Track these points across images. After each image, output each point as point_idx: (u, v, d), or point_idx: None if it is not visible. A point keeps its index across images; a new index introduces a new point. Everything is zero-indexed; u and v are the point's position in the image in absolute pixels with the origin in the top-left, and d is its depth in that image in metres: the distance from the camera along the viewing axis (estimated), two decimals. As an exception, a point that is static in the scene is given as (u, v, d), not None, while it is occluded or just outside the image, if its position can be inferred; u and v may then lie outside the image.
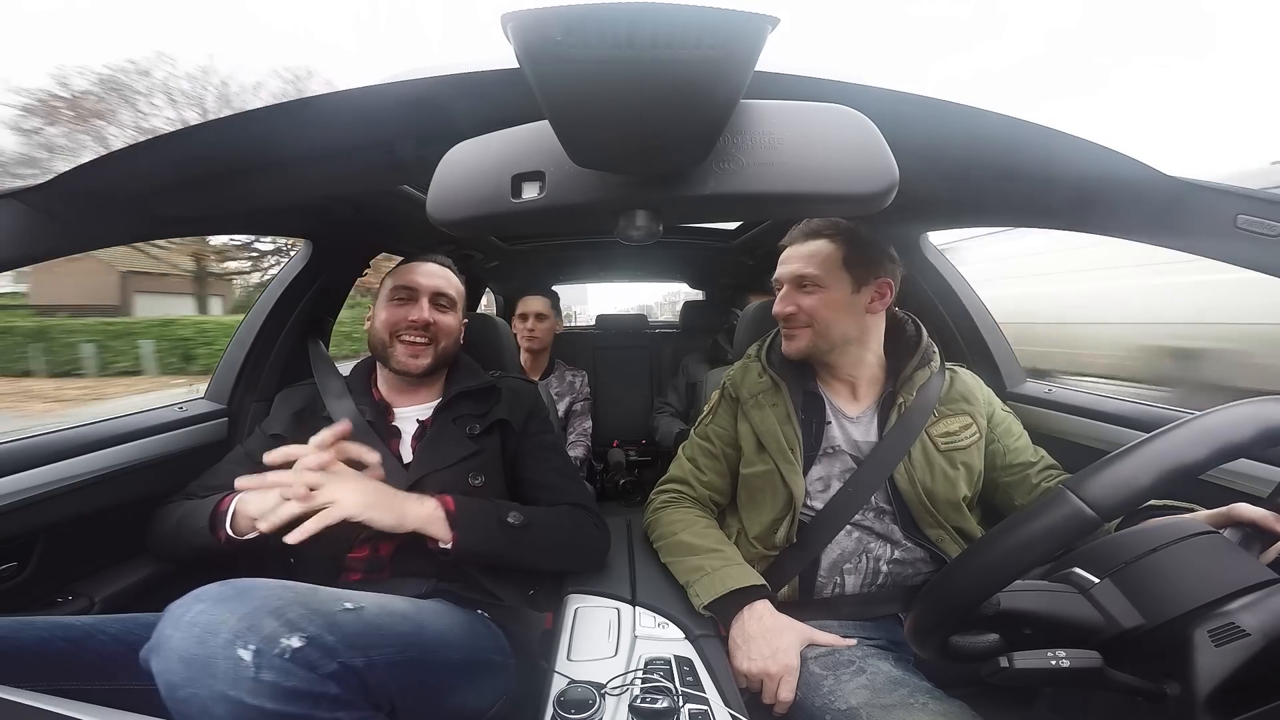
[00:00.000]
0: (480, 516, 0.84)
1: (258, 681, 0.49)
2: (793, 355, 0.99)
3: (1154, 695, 0.49)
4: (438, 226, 0.52)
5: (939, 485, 0.92)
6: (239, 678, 0.49)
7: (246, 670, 0.49)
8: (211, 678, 0.49)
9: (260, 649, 0.50)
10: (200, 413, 1.21)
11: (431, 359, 1.01)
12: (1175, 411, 1.01)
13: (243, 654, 0.50)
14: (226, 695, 0.49)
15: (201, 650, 0.50)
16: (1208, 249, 0.67)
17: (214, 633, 0.51)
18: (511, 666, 0.81)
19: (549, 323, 2.10)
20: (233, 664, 0.49)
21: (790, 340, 0.99)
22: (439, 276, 1.05)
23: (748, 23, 0.34)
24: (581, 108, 0.41)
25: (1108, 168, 0.64)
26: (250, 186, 0.75)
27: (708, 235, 2.19)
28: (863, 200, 0.47)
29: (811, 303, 0.95)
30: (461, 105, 0.59)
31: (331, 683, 0.54)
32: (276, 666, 0.50)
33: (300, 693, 0.51)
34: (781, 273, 1.00)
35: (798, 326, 0.98)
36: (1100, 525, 0.48)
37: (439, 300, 1.03)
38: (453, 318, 1.05)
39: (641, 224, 0.51)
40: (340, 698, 0.54)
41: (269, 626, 0.52)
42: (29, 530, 0.87)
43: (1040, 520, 0.50)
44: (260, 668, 0.50)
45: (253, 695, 0.49)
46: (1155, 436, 0.50)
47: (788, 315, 0.98)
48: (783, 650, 0.79)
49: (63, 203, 0.68)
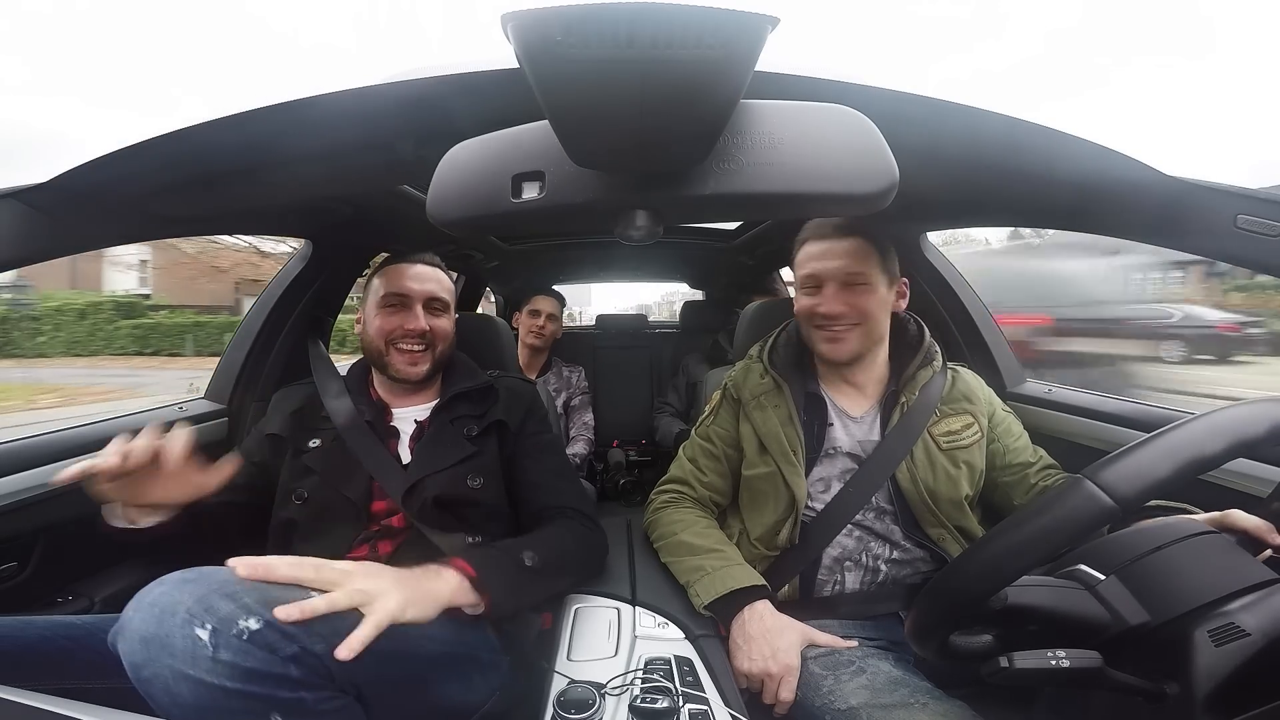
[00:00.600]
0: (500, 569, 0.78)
1: (215, 661, 0.50)
2: (841, 358, 0.95)
3: (1154, 695, 0.49)
4: (438, 226, 0.52)
5: (941, 484, 0.92)
6: (197, 656, 0.49)
7: (204, 649, 0.50)
8: (170, 656, 0.49)
9: (217, 629, 0.51)
10: (200, 413, 1.21)
11: (430, 364, 1.01)
12: (1176, 412, 1.01)
13: (199, 633, 0.50)
14: (186, 674, 0.49)
15: (159, 630, 0.50)
16: (1208, 249, 0.67)
17: (171, 612, 0.51)
18: (503, 664, 0.81)
19: (558, 325, 2.13)
20: (190, 643, 0.50)
21: (838, 343, 0.94)
22: (431, 280, 1.03)
23: (748, 23, 0.34)
24: (581, 107, 0.41)
25: (1108, 168, 0.64)
26: (250, 186, 0.75)
27: (708, 235, 2.19)
28: (863, 200, 0.47)
29: (863, 302, 0.92)
30: (461, 105, 0.59)
31: (292, 665, 0.54)
32: (234, 647, 0.51)
33: (260, 673, 0.52)
34: (822, 269, 0.93)
35: (847, 327, 0.93)
36: (1119, 515, 0.48)
37: (433, 305, 1.02)
38: (447, 320, 1.05)
39: (641, 224, 0.51)
40: (301, 680, 0.54)
41: (225, 608, 0.52)
42: (29, 530, 0.87)
43: (1058, 509, 0.50)
44: (218, 647, 0.50)
45: (212, 674, 0.50)
46: (1173, 428, 0.50)
47: (836, 315, 0.93)
48: (783, 650, 0.79)
49: (63, 203, 0.68)
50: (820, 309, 0.94)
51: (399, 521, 0.90)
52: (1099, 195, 0.73)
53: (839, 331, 0.94)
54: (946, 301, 1.38)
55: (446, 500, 0.90)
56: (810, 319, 0.96)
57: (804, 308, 0.96)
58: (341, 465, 0.92)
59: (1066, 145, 0.61)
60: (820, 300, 0.94)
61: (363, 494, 0.90)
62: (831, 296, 0.93)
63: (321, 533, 0.88)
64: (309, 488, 0.91)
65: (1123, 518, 0.49)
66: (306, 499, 0.90)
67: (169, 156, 0.66)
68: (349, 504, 0.89)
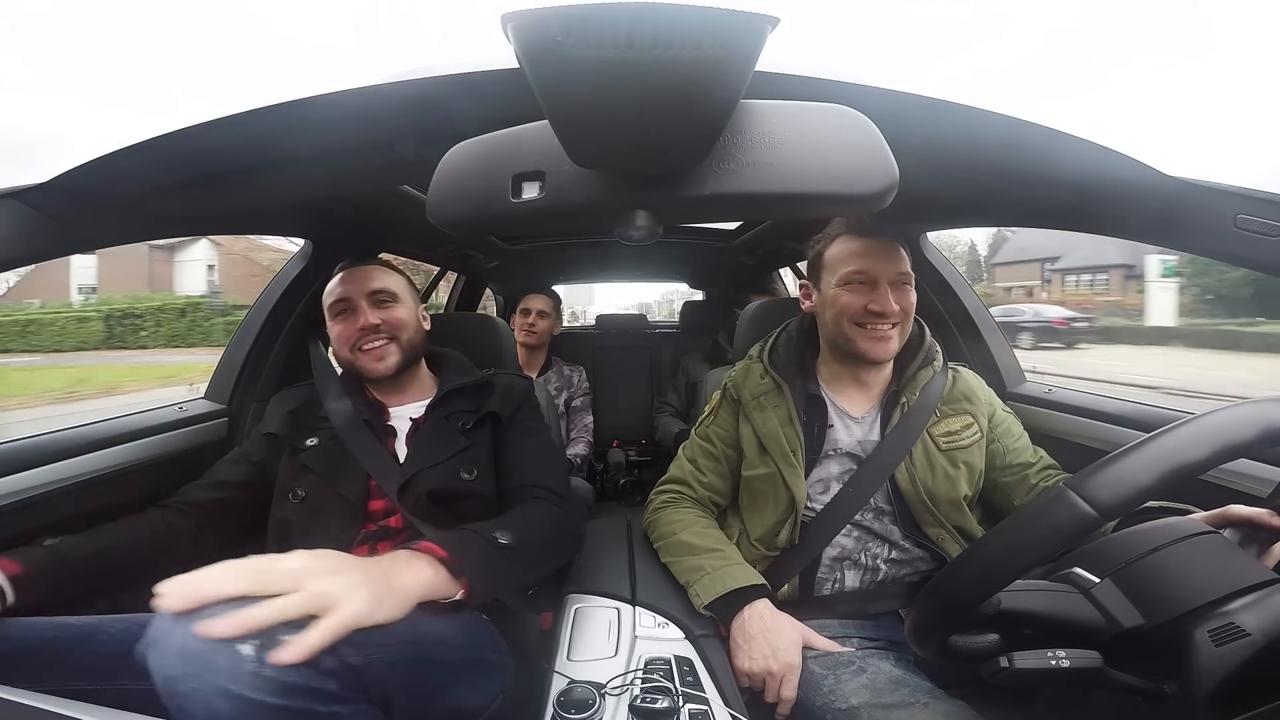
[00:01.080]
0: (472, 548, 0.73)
1: (258, 677, 0.49)
2: (886, 356, 0.94)
3: (1154, 695, 0.49)
4: (438, 226, 0.52)
5: (940, 485, 0.92)
6: (239, 672, 0.49)
7: (246, 665, 0.49)
8: (212, 672, 0.49)
9: (261, 643, 0.50)
10: (200, 413, 1.21)
11: (399, 355, 1.00)
12: (1175, 412, 1.01)
13: (243, 649, 0.49)
14: (228, 690, 0.48)
15: (202, 644, 0.49)
16: (1208, 249, 0.67)
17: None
18: (509, 666, 0.81)
19: (549, 322, 2.11)
20: (232, 658, 0.49)
21: (886, 341, 0.93)
22: (369, 278, 1.02)
23: (748, 23, 0.34)
24: (581, 108, 0.41)
25: (1108, 168, 0.64)
26: (250, 186, 0.75)
27: (708, 235, 2.19)
28: (863, 200, 0.47)
29: (908, 302, 0.93)
30: (461, 105, 0.59)
31: (331, 679, 0.53)
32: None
33: (300, 688, 0.51)
34: (874, 267, 0.92)
35: (892, 325, 0.92)
36: (1101, 525, 0.48)
37: (378, 297, 1.01)
38: (401, 310, 1.02)
39: (641, 224, 0.51)
40: (338, 693, 0.54)
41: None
42: (29, 530, 0.87)
43: (1041, 519, 0.50)
44: (262, 662, 0.50)
45: (254, 690, 0.49)
46: (1157, 436, 0.50)
47: (890, 314, 0.91)
48: (784, 649, 0.79)
49: (63, 203, 0.68)
50: (873, 306, 0.91)
51: (397, 521, 0.90)
52: (1099, 195, 0.73)
53: (886, 330, 0.92)
54: (946, 301, 1.38)
55: (441, 494, 0.90)
56: (855, 316, 0.93)
57: (849, 305, 0.93)
58: (339, 464, 0.92)
59: (1066, 145, 0.61)
60: (873, 298, 0.91)
61: (360, 493, 0.90)
62: (884, 296, 0.91)
63: (319, 532, 0.88)
64: (306, 487, 0.91)
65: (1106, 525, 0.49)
66: (304, 498, 0.90)
67: (169, 156, 0.66)
68: (345, 503, 0.89)
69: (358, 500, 0.90)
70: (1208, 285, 18.16)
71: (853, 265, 0.93)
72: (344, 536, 0.87)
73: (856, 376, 1.00)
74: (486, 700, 0.76)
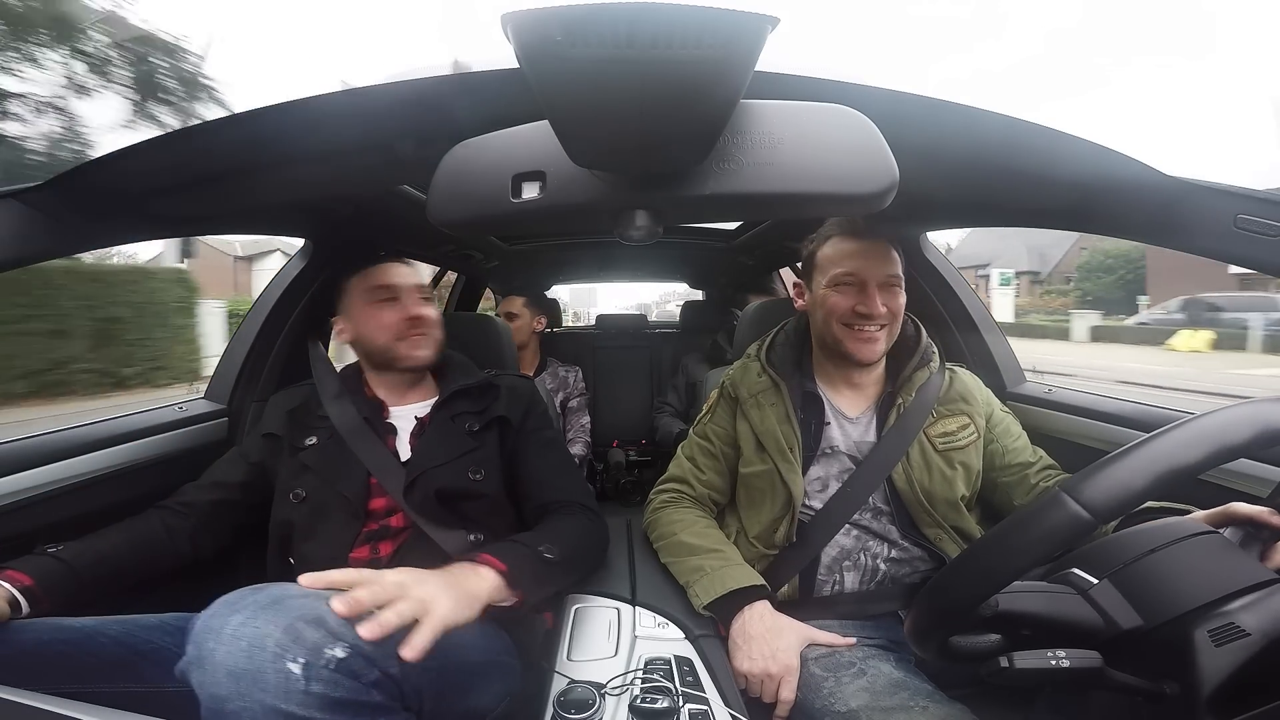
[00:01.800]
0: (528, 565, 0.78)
1: (307, 694, 0.49)
2: (874, 358, 0.95)
3: (1154, 695, 0.49)
4: (438, 226, 0.52)
5: (936, 485, 0.92)
6: (289, 690, 0.49)
7: (297, 683, 0.49)
8: (262, 691, 0.49)
9: (308, 661, 0.50)
10: (200, 413, 1.21)
11: (434, 349, 1.03)
12: (1176, 412, 1.01)
13: (292, 667, 0.49)
14: (278, 709, 0.49)
15: (250, 664, 0.49)
16: (1208, 249, 0.67)
17: (260, 646, 0.50)
18: (517, 668, 0.81)
19: (526, 320, 2.12)
20: (283, 677, 0.49)
21: (873, 343, 0.93)
22: (413, 274, 1.06)
23: (748, 23, 0.34)
24: (581, 107, 0.41)
25: (1107, 168, 0.64)
26: (250, 186, 0.75)
27: (708, 235, 2.19)
28: (863, 200, 0.47)
29: (897, 304, 0.94)
30: (461, 105, 0.59)
31: (375, 690, 0.54)
32: (324, 678, 0.50)
33: (346, 702, 0.52)
34: (864, 269, 0.92)
35: (880, 327, 0.93)
36: (1095, 528, 0.48)
37: (422, 292, 1.05)
38: (433, 309, 1.07)
39: (641, 224, 0.51)
40: (382, 705, 0.55)
41: (312, 636, 0.52)
42: (29, 530, 0.86)
43: (1036, 523, 0.50)
44: (310, 680, 0.50)
45: (303, 707, 0.49)
46: (1151, 439, 0.50)
47: (877, 315, 0.92)
48: (783, 650, 0.79)
49: (63, 203, 0.68)
50: (860, 308, 0.92)
51: (398, 521, 0.90)
52: (1099, 195, 0.73)
53: (874, 332, 0.93)
54: (946, 301, 1.37)
55: (448, 493, 0.91)
56: (843, 317, 0.93)
57: (837, 305, 0.93)
58: (338, 462, 0.92)
59: (1066, 145, 0.61)
60: (861, 300, 0.92)
61: (359, 491, 0.90)
62: (871, 298, 0.91)
63: (319, 532, 0.88)
64: (306, 486, 0.91)
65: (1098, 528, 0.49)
66: (304, 498, 0.90)
67: (169, 156, 0.66)
68: (345, 502, 0.89)
69: (357, 498, 0.90)
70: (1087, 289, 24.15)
71: (843, 266, 0.94)
72: (344, 536, 0.87)
73: (848, 377, 1.00)
74: (495, 702, 0.77)
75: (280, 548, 0.91)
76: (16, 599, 0.67)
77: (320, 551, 0.86)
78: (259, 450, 0.99)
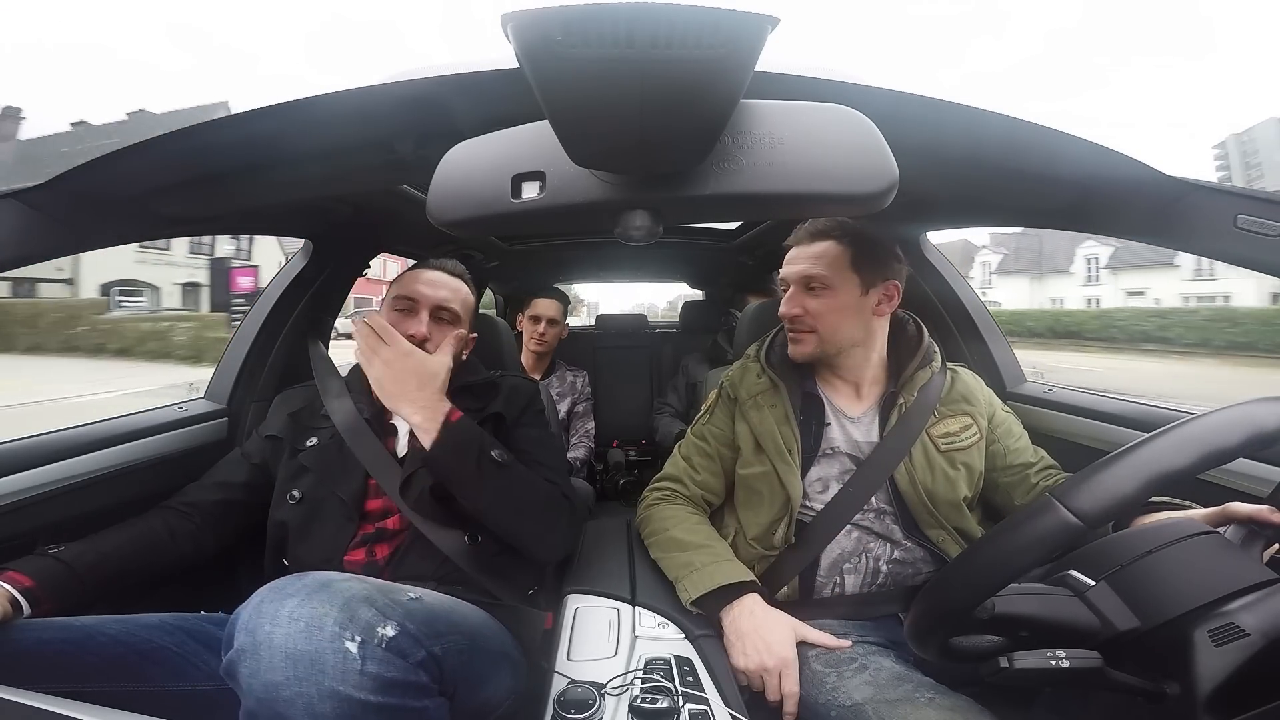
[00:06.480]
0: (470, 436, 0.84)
1: (363, 675, 0.49)
2: (798, 359, 0.98)
3: (1154, 695, 0.49)
4: (438, 227, 0.52)
5: (939, 486, 0.92)
6: (347, 671, 0.49)
7: (354, 663, 0.49)
8: (322, 674, 0.48)
9: (364, 639, 0.50)
10: (200, 413, 1.21)
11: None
12: (1176, 412, 1.01)
13: (350, 646, 0.49)
14: (336, 691, 0.48)
15: (309, 645, 0.49)
16: (1208, 249, 0.67)
17: (319, 626, 0.50)
18: (524, 665, 0.81)
19: (559, 329, 2.08)
20: (340, 657, 0.49)
21: (796, 344, 0.97)
22: (444, 287, 1.00)
23: (748, 23, 0.34)
24: (581, 107, 0.41)
25: (1107, 167, 0.64)
26: (250, 186, 0.75)
27: (708, 235, 2.19)
28: (863, 200, 0.47)
29: (818, 305, 0.94)
30: (461, 105, 0.59)
31: (421, 671, 0.54)
32: (378, 658, 0.50)
33: (397, 683, 0.51)
34: (787, 273, 0.97)
35: (804, 330, 0.96)
36: (1087, 533, 0.49)
37: (440, 314, 0.99)
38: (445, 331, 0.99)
39: (641, 224, 0.51)
40: (427, 686, 0.55)
41: (366, 615, 0.52)
42: (29, 530, 0.86)
43: (1027, 529, 0.51)
44: (365, 659, 0.50)
45: (358, 689, 0.49)
46: (1142, 444, 0.50)
47: (794, 317, 0.96)
48: (777, 643, 0.79)
49: (63, 203, 0.68)
50: (779, 311, 0.99)
51: (395, 523, 0.90)
52: (1099, 195, 0.73)
53: (797, 333, 0.98)
54: (947, 301, 1.37)
55: (443, 490, 0.90)
56: (781, 320, 1.00)
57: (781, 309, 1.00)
58: (337, 463, 0.92)
59: (1066, 145, 0.61)
60: (782, 302, 0.99)
61: (356, 492, 0.90)
62: (789, 299, 0.97)
63: (314, 534, 0.88)
64: (303, 487, 0.91)
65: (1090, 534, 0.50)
66: (300, 499, 0.90)
67: (169, 156, 0.66)
68: (341, 503, 0.89)
69: (353, 500, 0.89)
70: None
71: (782, 271, 0.99)
72: (340, 539, 0.87)
73: (836, 375, 1.01)
74: (505, 697, 0.77)
75: (276, 550, 0.91)
76: (17, 600, 0.67)
77: (315, 553, 0.86)
78: (261, 452, 0.99)
